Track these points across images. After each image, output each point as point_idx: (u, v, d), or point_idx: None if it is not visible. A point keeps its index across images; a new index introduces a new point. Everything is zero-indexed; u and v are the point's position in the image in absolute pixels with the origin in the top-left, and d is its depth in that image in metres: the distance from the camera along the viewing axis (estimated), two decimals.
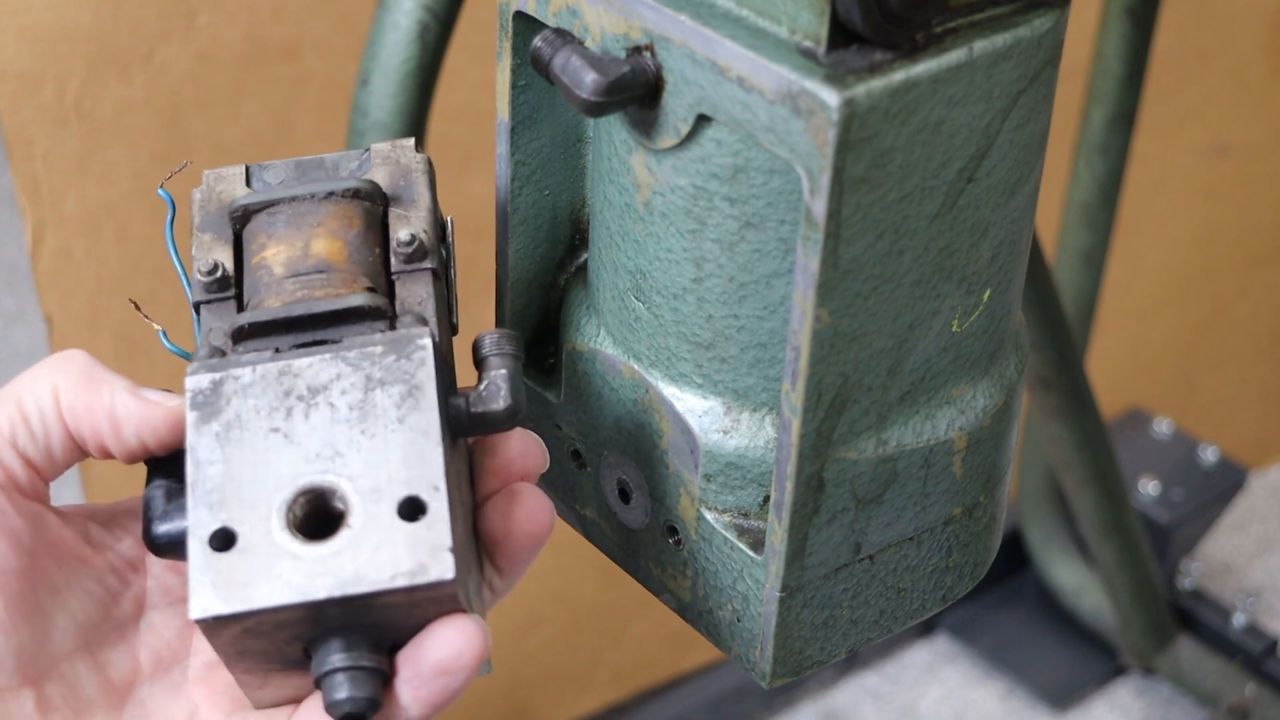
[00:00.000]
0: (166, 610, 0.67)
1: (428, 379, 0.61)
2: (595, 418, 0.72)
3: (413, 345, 0.62)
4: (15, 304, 1.92)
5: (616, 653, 1.69)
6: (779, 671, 0.68)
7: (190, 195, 0.67)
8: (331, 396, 0.61)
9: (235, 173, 0.67)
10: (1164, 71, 1.66)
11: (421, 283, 0.65)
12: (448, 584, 0.58)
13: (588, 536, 0.76)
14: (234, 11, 1.18)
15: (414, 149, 0.68)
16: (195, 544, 0.59)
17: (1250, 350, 1.99)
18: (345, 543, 0.59)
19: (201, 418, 0.61)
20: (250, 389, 0.61)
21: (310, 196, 0.65)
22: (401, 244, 0.65)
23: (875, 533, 0.67)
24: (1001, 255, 0.66)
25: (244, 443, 0.60)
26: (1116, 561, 1.60)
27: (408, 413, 0.61)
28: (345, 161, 0.68)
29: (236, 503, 0.59)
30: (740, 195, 0.63)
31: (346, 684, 0.59)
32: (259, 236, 0.65)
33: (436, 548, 0.59)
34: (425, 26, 0.98)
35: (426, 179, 0.67)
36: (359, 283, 0.64)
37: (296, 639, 0.60)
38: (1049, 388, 1.39)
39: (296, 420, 0.61)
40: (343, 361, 0.62)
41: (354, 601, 0.59)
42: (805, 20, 0.59)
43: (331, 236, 0.64)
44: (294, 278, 0.63)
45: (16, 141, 1.14)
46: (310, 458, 0.60)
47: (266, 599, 0.58)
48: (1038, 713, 1.76)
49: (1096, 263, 1.55)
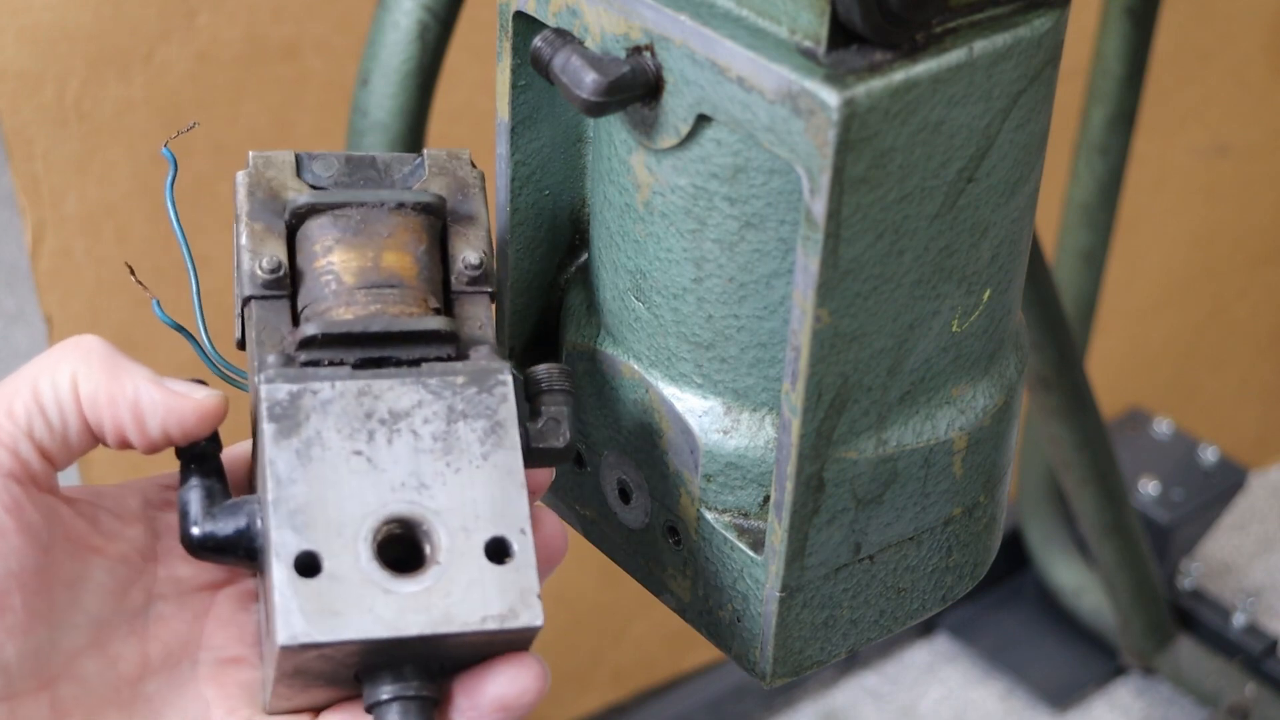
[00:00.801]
0: (176, 601, 0.65)
1: (510, 417, 0.62)
2: (595, 418, 0.72)
3: (494, 380, 0.62)
4: (15, 304, 1.92)
5: (616, 653, 1.69)
6: (779, 671, 0.68)
7: (236, 177, 0.65)
8: (414, 424, 0.61)
9: (285, 159, 0.66)
10: (1164, 71, 1.66)
11: (481, 306, 0.65)
12: (534, 630, 0.59)
13: (588, 536, 0.76)
14: (234, 11, 1.18)
15: (470, 161, 0.67)
16: (280, 567, 0.58)
17: (1250, 350, 1.99)
18: (434, 580, 0.59)
19: (280, 431, 0.60)
20: (330, 406, 0.61)
21: (380, 205, 0.64)
22: (469, 266, 0.65)
23: (875, 533, 0.67)
24: (1001, 255, 0.66)
25: (326, 463, 0.60)
26: (1116, 561, 1.60)
27: (491, 449, 0.61)
28: (398, 165, 0.67)
29: (322, 526, 0.59)
30: (740, 195, 0.63)
31: (400, 713, 0.60)
32: (323, 239, 0.64)
33: (526, 592, 0.59)
34: (425, 26, 0.98)
35: (483, 195, 0.67)
36: (428, 302, 0.63)
37: (359, 665, 0.60)
38: (1049, 388, 1.39)
39: (379, 445, 0.61)
40: (424, 388, 0.62)
41: (440, 640, 0.59)
42: (805, 20, 0.59)
43: (402, 250, 0.64)
44: (365, 289, 0.63)
45: (16, 141, 1.14)
46: (396, 486, 0.60)
47: (358, 631, 0.58)
48: (1038, 713, 1.76)
49: (1096, 263, 1.55)
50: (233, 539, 0.61)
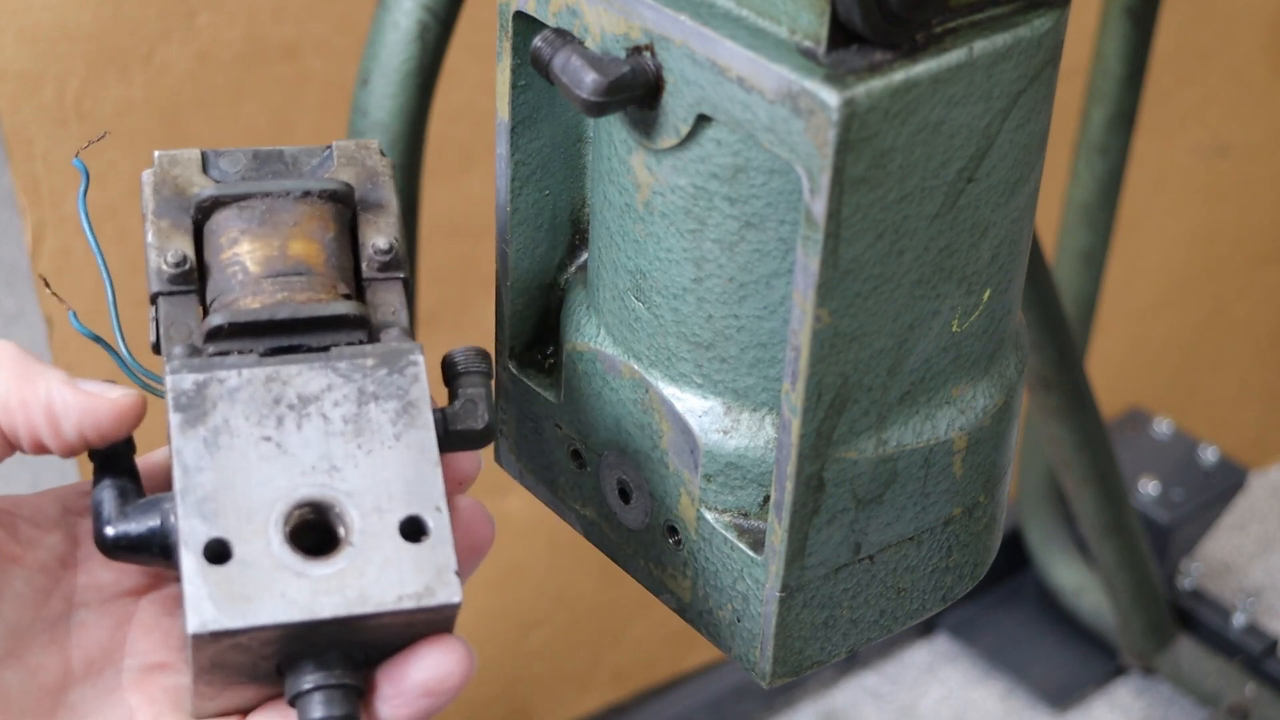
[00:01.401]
0: (98, 609, 0.64)
1: (422, 396, 0.61)
2: (595, 418, 0.72)
3: (405, 360, 0.61)
4: (15, 304, 1.91)
5: (616, 653, 1.69)
6: (779, 671, 0.68)
7: (141, 177, 0.65)
8: (324, 407, 0.60)
9: (190, 156, 0.65)
10: (1164, 71, 1.66)
11: (394, 292, 0.64)
12: (453, 607, 0.58)
13: (588, 536, 0.76)
14: (234, 11, 1.18)
15: (379, 151, 0.66)
16: (189, 556, 0.58)
17: (1250, 350, 1.99)
18: (348, 561, 0.58)
19: (187, 421, 0.59)
20: (237, 394, 0.60)
21: (285, 194, 0.63)
22: (379, 251, 0.64)
23: (875, 533, 0.67)
24: (1001, 255, 0.66)
25: (234, 450, 0.59)
26: (1116, 561, 1.60)
27: (404, 429, 0.60)
28: (306, 157, 0.66)
29: (232, 513, 0.58)
30: (740, 195, 0.63)
31: (324, 703, 0.58)
32: (229, 230, 0.63)
33: (442, 570, 0.58)
34: (425, 26, 0.98)
35: (393, 184, 0.66)
36: (337, 288, 0.63)
37: (278, 654, 0.59)
38: (1049, 388, 1.39)
39: (289, 430, 0.60)
40: (334, 372, 0.61)
41: (356, 622, 0.58)
42: (805, 20, 0.59)
43: (309, 238, 0.63)
44: (272, 278, 0.62)
45: (16, 141, 1.14)
46: (306, 470, 0.59)
47: (270, 616, 0.57)
48: (1038, 713, 1.76)
49: (1096, 263, 1.55)
50: (146, 537, 0.60)
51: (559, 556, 1.58)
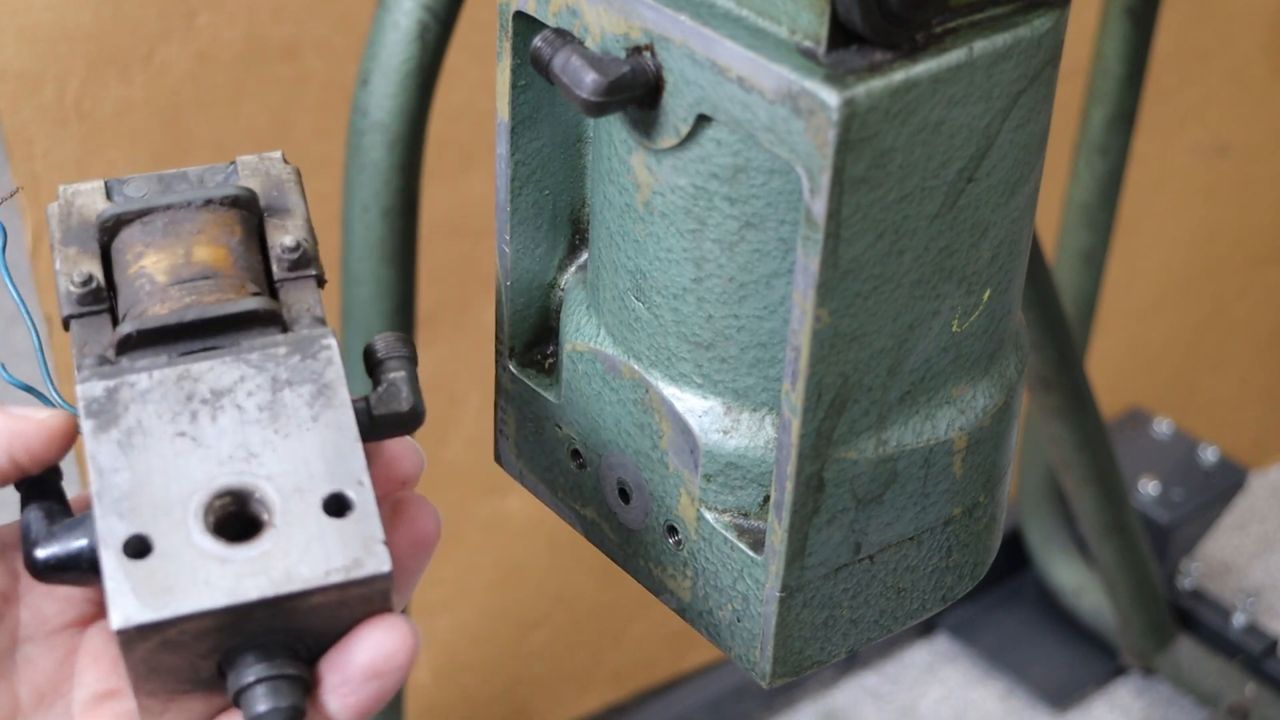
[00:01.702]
0: (43, 642, 0.62)
1: (337, 377, 0.60)
2: (595, 418, 0.72)
3: (317, 345, 0.61)
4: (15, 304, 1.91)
5: (616, 653, 1.69)
6: (779, 671, 0.68)
7: (46, 210, 0.64)
8: (238, 398, 0.60)
9: (94, 188, 0.65)
10: (1164, 71, 1.66)
11: (307, 289, 0.63)
12: (383, 578, 0.57)
13: (588, 536, 0.76)
14: (234, 11, 1.18)
15: (282, 160, 0.66)
16: (108, 554, 0.56)
17: (1250, 350, 1.99)
18: (272, 543, 0.57)
19: (99, 425, 0.59)
20: (149, 395, 0.59)
21: (187, 205, 0.63)
22: (286, 250, 0.64)
23: (875, 533, 0.67)
24: (1001, 255, 0.66)
25: (149, 448, 0.58)
26: (1116, 561, 1.60)
27: (320, 410, 0.60)
28: (211, 175, 0.66)
29: (149, 509, 0.57)
30: (740, 195, 0.63)
31: (268, 695, 0.57)
32: (134, 246, 0.63)
33: (369, 541, 0.57)
34: (425, 26, 0.98)
35: (299, 189, 0.65)
36: (247, 288, 0.62)
37: (214, 651, 0.57)
38: (1049, 388, 1.39)
39: (203, 423, 0.59)
40: (245, 364, 0.60)
41: (285, 602, 0.57)
42: (805, 20, 0.59)
43: (214, 243, 0.63)
44: (179, 284, 0.61)
45: (16, 141, 1.14)
46: (223, 460, 0.59)
47: (195, 603, 0.56)
48: (1038, 713, 1.76)
49: (1096, 263, 1.55)
50: (75, 555, 0.59)
51: (559, 556, 1.58)
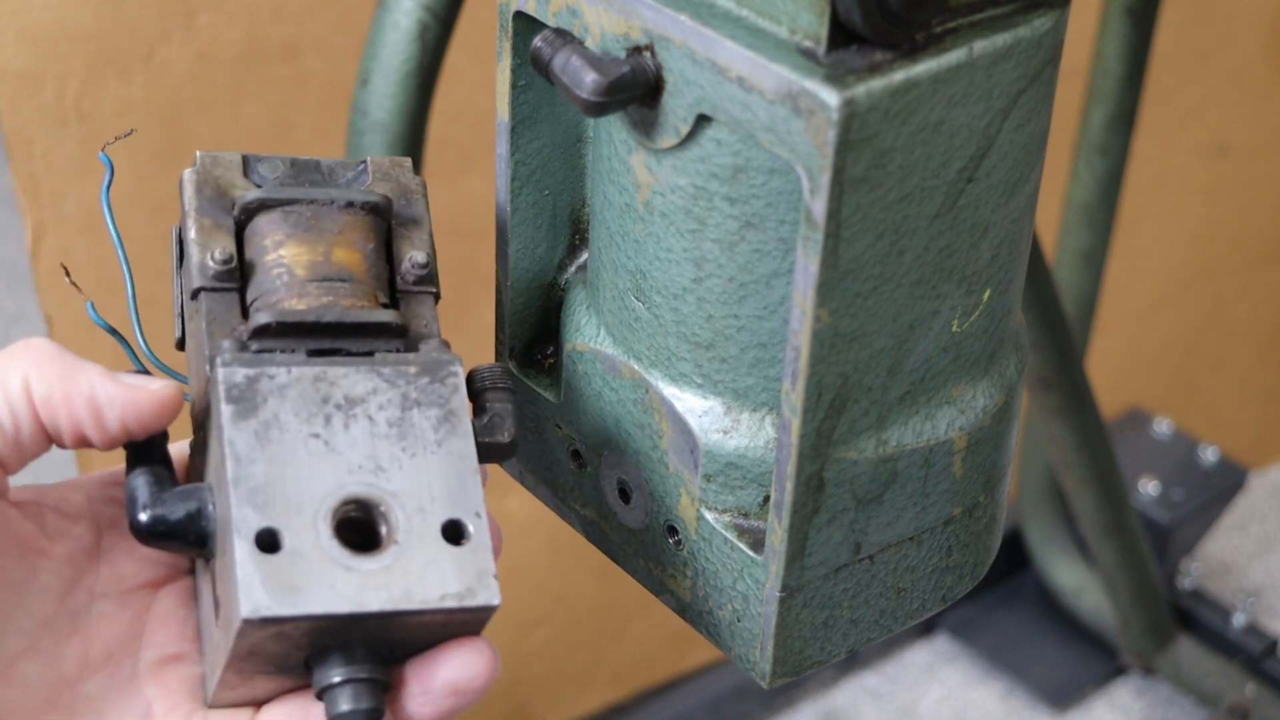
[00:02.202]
0: (117, 599, 0.65)
1: (461, 406, 0.63)
2: (595, 418, 0.72)
3: (446, 371, 0.63)
4: (15, 304, 1.92)
5: (616, 653, 1.69)
6: (779, 671, 0.68)
7: (182, 175, 0.66)
8: (370, 410, 0.62)
9: (232, 159, 0.66)
10: (1164, 71, 1.66)
11: (427, 305, 0.66)
12: (491, 610, 0.60)
13: (588, 536, 0.76)
14: (234, 11, 1.18)
15: (413, 169, 0.68)
16: (241, 543, 0.59)
17: (1250, 350, 1.99)
18: (393, 558, 0.60)
19: (238, 413, 0.61)
20: (287, 391, 0.61)
21: (330, 203, 0.65)
22: (416, 265, 0.66)
23: (875, 533, 0.67)
24: (1001, 255, 0.66)
25: (284, 444, 0.61)
26: (1116, 561, 1.60)
27: (445, 436, 0.62)
28: (342, 169, 0.68)
29: (282, 504, 0.60)
30: (740, 195, 0.63)
31: (352, 696, 0.60)
32: (273, 234, 0.64)
33: (482, 573, 0.60)
34: (425, 26, 0.98)
35: (425, 202, 0.68)
36: (377, 297, 0.64)
37: (312, 645, 0.60)
38: (1049, 388, 1.39)
39: (336, 429, 0.61)
40: (378, 376, 0.62)
41: (399, 618, 0.59)
42: (805, 20, 0.59)
43: (352, 247, 0.65)
44: (317, 282, 0.63)
45: (16, 141, 1.14)
46: (353, 468, 0.61)
47: (320, 606, 0.58)
48: (1038, 713, 1.76)
49: (1096, 263, 1.55)
50: (183, 523, 0.61)
51: (559, 556, 1.58)
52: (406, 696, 0.61)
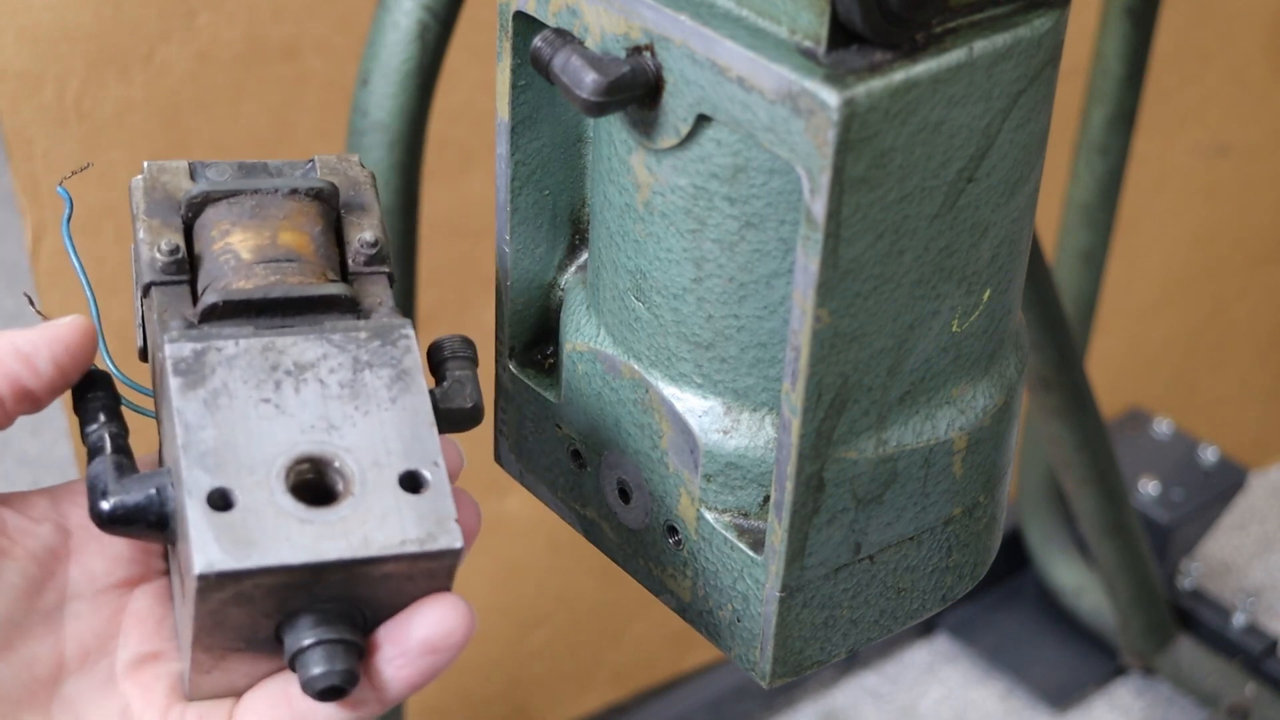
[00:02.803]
0: (91, 600, 0.64)
1: (414, 365, 0.63)
2: (595, 418, 0.72)
3: (397, 333, 0.63)
4: (15, 304, 1.92)
5: (616, 653, 1.69)
6: (779, 671, 0.68)
7: (130, 183, 0.67)
8: (320, 374, 0.62)
9: (178, 166, 0.67)
10: (1164, 71, 1.66)
11: (380, 285, 0.66)
12: (454, 553, 0.59)
13: (588, 536, 0.76)
14: (234, 11, 1.18)
15: (359, 163, 0.69)
16: (193, 504, 0.59)
17: (1250, 350, 1.99)
18: (350, 510, 0.60)
19: (187, 384, 0.61)
20: (235, 361, 0.62)
21: (274, 191, 0.66)
22: (365, 244, 0.66)
23: (875, 533, 0.67)
24: (1001, 255, 0.66)
25: (234, 410, 0.61)
26: (1116, 561, 1.60)
27: (399, 394, 0.62)
28: (290, 169, 0.68)
29: (234, 466, 0.60)
30: (740, 195, 0.63)
31: (325, 658, 0.59)
32: (220, 224, 0.65)
33: (443, 518, 0.60)
34: (425, 26, 0.98)
35: (374, 191, 0.68)
36: (327, 275, 0.65)
37: (277, 610, 0.60)
38: (1049, 388, 1.39)
39: (287, 393, 0.62)
40: (328, 342, 0.63)
41: (360, 567, 0.59)
42: (805, 20, 0.59)
43: (298, 230, 0.65)
44: (264, 263, 0.64)
45: (16, 141, 1.14)
46: (305, 429, 0.61)
47: (276, 557, 0.58)
48: (1038, 713, 1.76)
49: (1096, 263, 1.55)
50: (142, 505, 0.61)
51: (559, 556, 1.58)
52: (382, 661, 0.60)
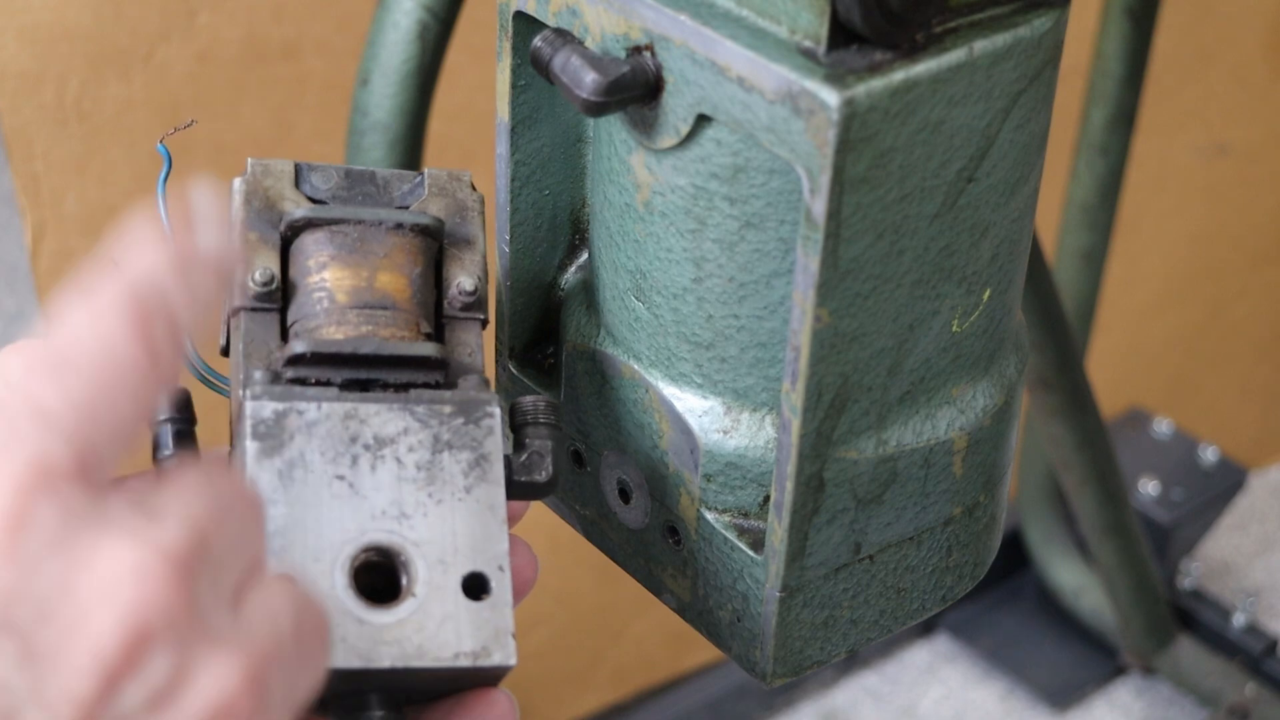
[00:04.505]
0: None
1: (495, 450, 0.61)
2: (595, 418, 0.72)
3: (482, 412, 0.62)
4: (15, 304, 1.91)
5: (616, 653, 1.69)
6: (779, 671, 0.68)
7: (232, 184, 0.65)
8: (399, 451, 0.61)
9: (283, 169, 0.65)
10: (1164, 71, 1.66)
11: (473, 333, 0.65)
12: (506, 670, 0.59)
13: (588, 536, 0.76)
14: (234, 11, 1.18)
15: (470, 184, 0.67)
16: None
17: (1250, 350, 1.99)
18: (409, 612, 0.59)
19: (263, 450, 0.59)
20: (315, 428, 0.60)
21: (378, 224, 0.64)
22: (464, 292, 0.65)
23: (875, 533, 0.67)
24: (1001, 255, 0.66)
25: (308, 485, 0.59)
26: (1116, 561, 1.60)
27: (475, 483, 0.61)
28: (397, 181, 0.66)
29: (300, 550, 0.59)
30: (740, 195, 0.63)
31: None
32: (318, 254, 0.63)
33: (500, 631, 0.59)
34: (425, 26, 0.98)
35: (481, 219, 0.66)
36: (420, 326, 0.63)
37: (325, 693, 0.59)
38: (1049, 388, 1.39)
39: (362, 471, 0.60)
40: (411, 415, 0.61)
41: (413, 674, 0.58)
42: (805, 20, 0.59)
43: (397, 271, 0.63)
44: (358, 309, 0.62)
45: (16, 141, 1.14)
46: (376, 514, 0.60)
47: (331, 660, 0.57)
48: (1038, 713, 1.76)
49: (1096, 263, 1.55)
50: None
51: (559, 556, 1.58)
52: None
